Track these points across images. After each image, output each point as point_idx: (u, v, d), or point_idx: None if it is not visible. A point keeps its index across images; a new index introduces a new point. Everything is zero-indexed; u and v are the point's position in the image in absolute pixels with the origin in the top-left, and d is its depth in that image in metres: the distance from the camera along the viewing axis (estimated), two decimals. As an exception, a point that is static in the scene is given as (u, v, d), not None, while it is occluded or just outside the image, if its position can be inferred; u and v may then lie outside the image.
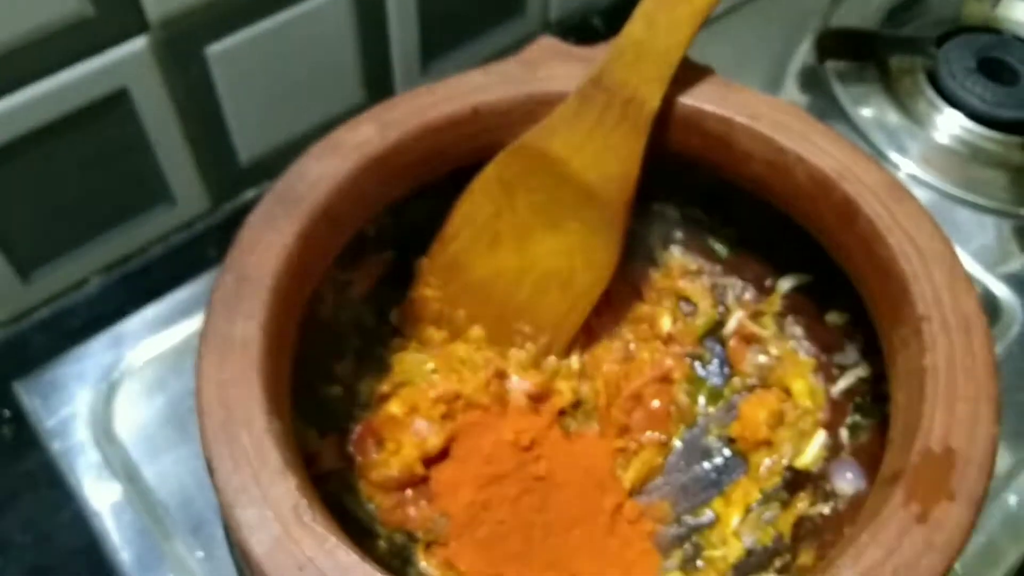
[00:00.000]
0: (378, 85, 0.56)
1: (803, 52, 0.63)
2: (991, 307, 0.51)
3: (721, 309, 0.47)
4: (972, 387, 0.31)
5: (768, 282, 0.47)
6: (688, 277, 0.47)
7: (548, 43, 0.41)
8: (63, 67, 0.42)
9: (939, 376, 0.32)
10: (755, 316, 0.46)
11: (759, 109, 0.38)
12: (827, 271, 0.40)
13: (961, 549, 0.29)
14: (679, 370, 0.45)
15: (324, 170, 0.37)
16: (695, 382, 0.46)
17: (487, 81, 0.40)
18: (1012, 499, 0.43)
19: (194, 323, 0.38)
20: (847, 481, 0.40)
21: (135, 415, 0.45)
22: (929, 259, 0.34)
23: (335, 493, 0.40)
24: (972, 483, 0.30)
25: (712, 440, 0.44)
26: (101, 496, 0.43)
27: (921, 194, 0.55)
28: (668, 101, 0.39)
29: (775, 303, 0.46)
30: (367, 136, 0.38)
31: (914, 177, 0.56)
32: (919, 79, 0.60)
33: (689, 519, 0.42)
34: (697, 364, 0.46)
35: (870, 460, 0.39)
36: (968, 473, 0.30)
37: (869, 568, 0.28)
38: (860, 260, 0.37)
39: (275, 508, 0.29)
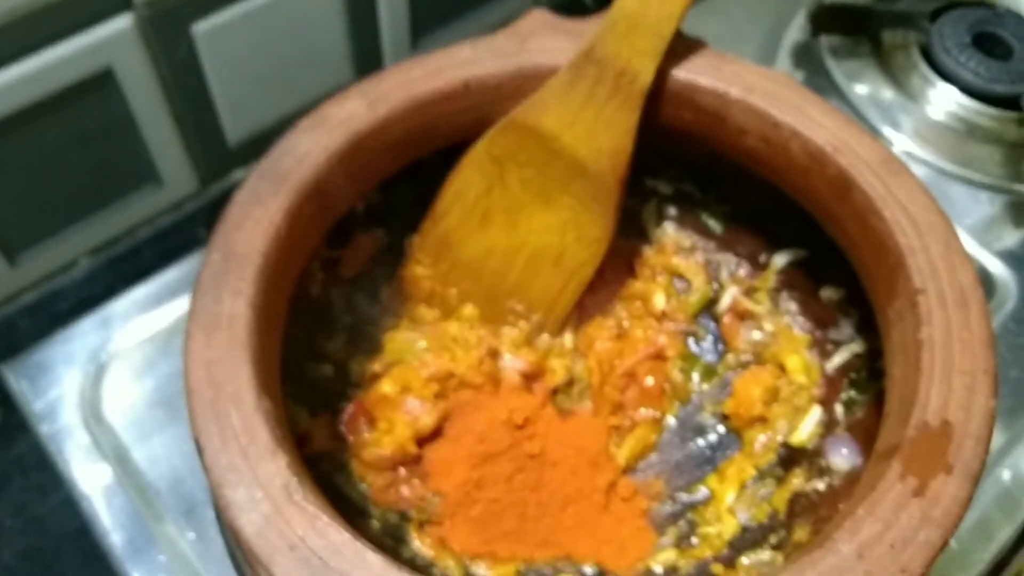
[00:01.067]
0: (368, 63, 0.56)
1: (796, 27, 0.63)
2: (986, 283, 0.50)
3: (715, 285, 0.47)
4: (969, 360, 0.31)
5: (762, 258, 0.46)
6: (682, 253, 0.47)
7: (539, 16, 0.41)
8: (46, 46, 0.42)
9: (935, 349, 0.31)
10: (749, 292, 0.46)
11: (753, 81, 0.38)
12: (822, 246, 0.40)
13: (958, 522, 0.29)
14: (673, 347, 0.45)
15: (311, 146, 0.37)
16: (689, 359, 0.45)
17: (477, 55, 0.39)
18: (1006, 475, 0.44)
19: (183, 303, 0.38)
20: (842, 457, 0.40)
21: (124, 397, 0.45)
22: (925, 232, 0.34)
23: (327, 473, 0.40)
24: (969, 456, 0.29)
25: (706, 417, 0.44)
26: (91, 479, 0.42)
27: (916, 170, 0.54)
28: (661, 74, 0.39)
29: (769, 279, 0.46)
30: (354, 111, 0.37)
31: (909, 153, 0.56)
32: (913, 54, 0.60)
33: (684, 496, 0.42)
34: (691, 341, 0.46)
35: (865, 436, 0.39)
36: (965, 446, 0.30)
37: (866, 542, 0.28)
38: (855, 234, 0.37)
39: (265, 487, 0.29)
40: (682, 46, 0.39)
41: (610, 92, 0.38)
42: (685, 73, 0.39)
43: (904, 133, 0.56)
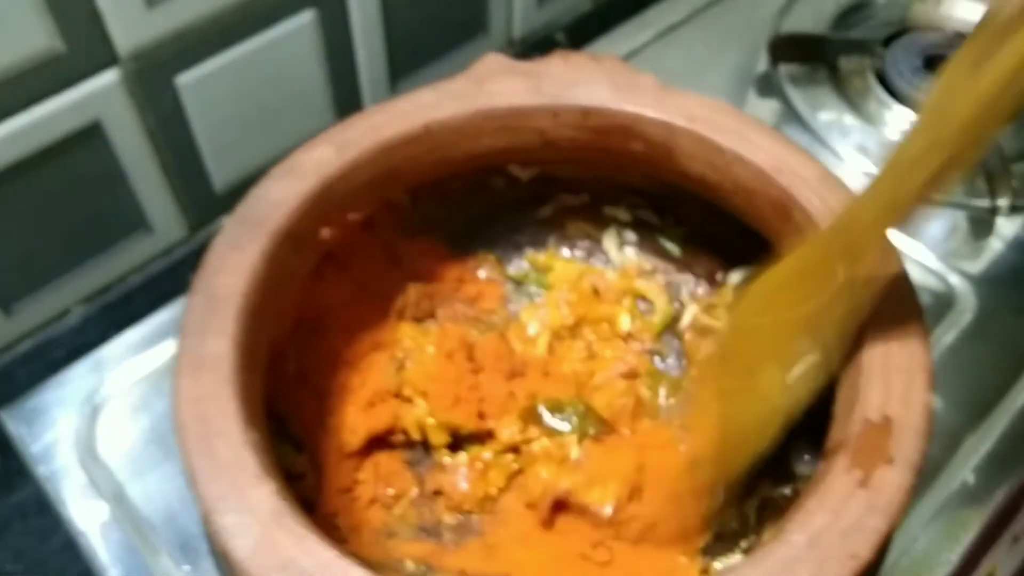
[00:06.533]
0: (347, 108, 0.57)
1: (762, 59, 0.65)
2: (946, 297, 0.52)
3: (676, 305, 0.49)
4: (906, 358, 0.33)
5: (719, 276, 0.48)
6: (644, 277, 0.49)
7: (495, 60, 0.43)
8: (36, 102, 0.43)
9: (875, 350, 0.33)
10: (708, 309, 0.47)
11: (696, 111, 0.40)
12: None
13: (903, 509, 0.30)
14: (640, 366, 0.46)
15: (284, 191, 0.38)
16: (655, 376, 0.47)
17: (437, 98, 0.41)
18: (971, 478, 0.45)
19: (174, 345, 0.39)
20: (805, 463, 0.41)
21: (119, 436, 0.46)
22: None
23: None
24: (909, 448, 0.31)
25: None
26: (88, 517, 0.44)
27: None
28: (610, 110, 0.41)
29: (727, 295, 0.47)
30: (324, 157, 0.39)
31: (870, 175, 0.57)
32: (868, 79, 0.62)
33: (657, 506, 0.43)
34: (657, 359, 0.48)
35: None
36: (905, 439, 0.31)
37: (817, 531, 0.30)
38: (798, 248, 0.38)
39: (254, 512, 0.30)
40: (629, 81, 0.41)
41: None
42: (632, 107, 0.41)
43: (865, 156, 0.58)
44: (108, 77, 0.45)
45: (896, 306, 0.34)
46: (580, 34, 0.67)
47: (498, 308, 0.49)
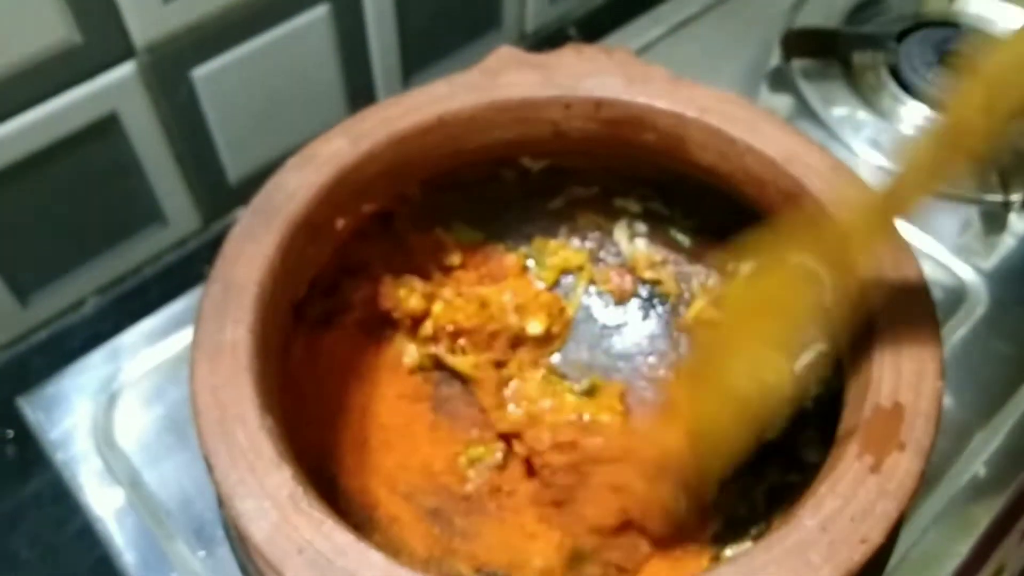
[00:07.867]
0: (361, 101, 0.57)
1: (775, 54, 0.64)
2: (958, 291, 0.52)
3: (687, 296, 0.49)
4: (916, 346, 0.33)
5: (730, 267, 0.47)
6: (654, 268, 0.49)
7: (507, 52, 0.43)
8: (54, 94, 0.44)
9: (885, 338, 0.33)
10: (717, 301, 0.47)
11: (707, 102, 0.40)
12: (785, 252, 0.41)
13: (913, 495, 0.30)
14: (652, 355, 0.47)
15: (300, 182, 0.38)
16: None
17: (451, 91, 0.41)
18: (982, 471, 0.45)
19: (189, 334, 0.39)
20: (814, 450, 0.41)
21: (135, 424, 0.47)
22: (873, 231, 0.36)
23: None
24: (920, 434, 0.31)
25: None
26: (105, 502, 0.44)
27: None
28: (622, 101, 0.41)
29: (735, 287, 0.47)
30: (339, 148, 0.39)
31: (883, 169, 0.57)
32: (882, 74, 0.62)
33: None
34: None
35: (834, 428, 0.41)
36: (916, 425, 0.32)
37: (829, 516, 0.30)
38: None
39: (272, 497, 0.31)
40: (641, 72, 0.42)
41: None
42: (645, 98, 0.41)
43: (878, 151, 0.58)
44: (125, 70, 0.46)
45: (908, 297, 0.34)
46: (592, 28, 0.67)
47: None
